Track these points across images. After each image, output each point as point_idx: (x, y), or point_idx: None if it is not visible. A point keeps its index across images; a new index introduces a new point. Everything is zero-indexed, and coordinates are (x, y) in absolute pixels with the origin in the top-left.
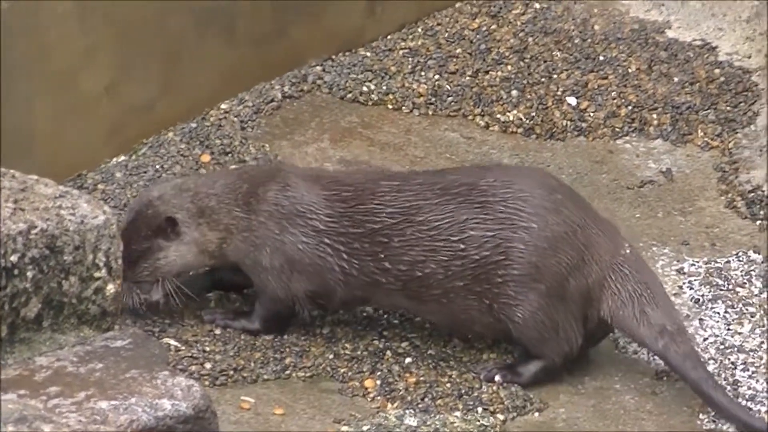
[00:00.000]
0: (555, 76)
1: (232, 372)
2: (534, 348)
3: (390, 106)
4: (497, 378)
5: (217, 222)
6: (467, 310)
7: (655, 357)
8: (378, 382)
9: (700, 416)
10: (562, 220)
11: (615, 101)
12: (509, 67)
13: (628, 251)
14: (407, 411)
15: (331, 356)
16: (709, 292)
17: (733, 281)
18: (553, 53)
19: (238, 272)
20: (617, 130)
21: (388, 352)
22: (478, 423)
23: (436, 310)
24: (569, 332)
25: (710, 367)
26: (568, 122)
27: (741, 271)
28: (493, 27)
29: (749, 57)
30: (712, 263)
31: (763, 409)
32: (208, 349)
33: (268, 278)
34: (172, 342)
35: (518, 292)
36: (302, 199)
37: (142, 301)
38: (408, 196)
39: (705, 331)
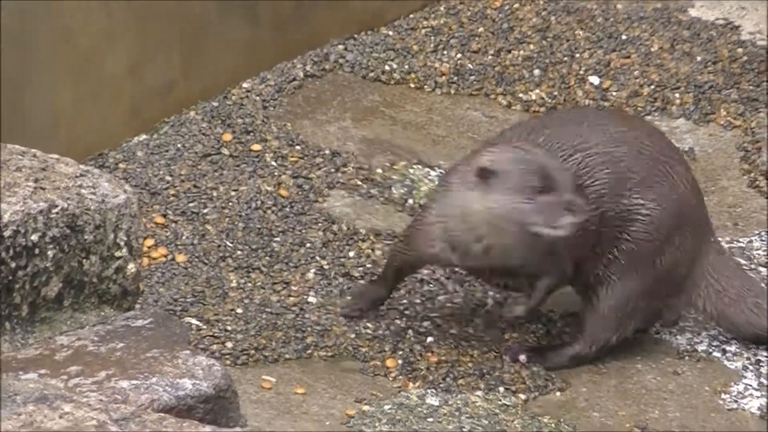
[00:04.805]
0: (577, 55)
1: (253, 351)
2: (585, 325)
3: (412, 85)
4: (522, 358)
5: None
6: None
7: (677, 336)
8: (399, 361)
9: (722, 396)
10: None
11: (637, 80)
12: (532, 47)
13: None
14: (429, 390)
15: (352, 336)
16: None
17: (755, 260)
18: (576, 32)
19: None
20: (639, 109)
21: (410, 332)
22: (499, 402)
23: None
24: (632, 324)
25: (733, 347)
26: (591, 101)
27: (763, 251)
28: (516, 6)
29: None
30: (735, 242)
31: None
32: (229, 328)
33: None
34: (194, 321)
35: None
36: None
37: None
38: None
39: None
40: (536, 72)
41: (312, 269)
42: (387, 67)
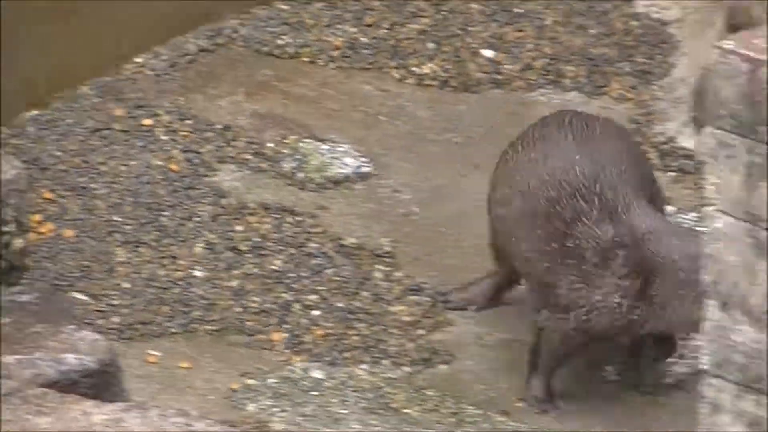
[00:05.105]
0: (471, 28)
1: (139, 326)
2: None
3: (305, 59)
4: None
5: None
6: None
7: None
8: (285, 335)
9: (607, 368)
10: None
11: (531, 54)
12: (426, 20)
13: None
14: (314, 364)
15: (239, 309)
16: None
17: None
18: (470, 6)
19: None
20: (532, 82)
21: (297, 305)
22: (384, 376)
23: None
24: None
25: None
26: (484, 75)
27: None
28: None
29: (667, 9)
30: None
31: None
32: (115, 302)
33: None
34: (80, 296)
35: None
36: None
37: None
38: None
39: None
40: (430, 45)
41: (199, 243)
42: (280, 41)
